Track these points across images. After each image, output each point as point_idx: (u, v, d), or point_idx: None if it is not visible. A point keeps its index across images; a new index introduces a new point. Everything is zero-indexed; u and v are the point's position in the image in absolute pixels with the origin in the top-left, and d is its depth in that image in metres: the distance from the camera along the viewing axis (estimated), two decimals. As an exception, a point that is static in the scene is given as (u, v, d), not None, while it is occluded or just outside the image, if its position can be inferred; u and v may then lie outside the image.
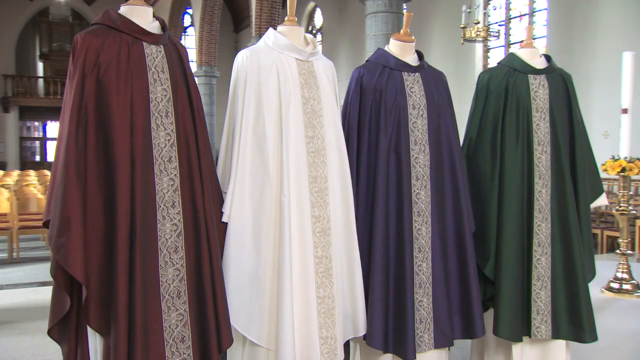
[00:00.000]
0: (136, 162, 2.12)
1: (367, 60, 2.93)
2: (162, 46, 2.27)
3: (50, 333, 2.19)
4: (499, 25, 13.18)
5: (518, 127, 2.97)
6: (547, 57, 3.09)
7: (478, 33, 8.84)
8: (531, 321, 2.91)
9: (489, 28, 8.99)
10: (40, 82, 25.50)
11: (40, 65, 26.01)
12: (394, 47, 2.89)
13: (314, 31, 22.15)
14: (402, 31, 2.87)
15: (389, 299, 2.69)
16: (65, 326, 2.20)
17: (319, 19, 21.77)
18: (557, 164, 2.95)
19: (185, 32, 25.08)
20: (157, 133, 2.19)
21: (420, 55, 2.91)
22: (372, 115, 2.78)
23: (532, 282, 2.92)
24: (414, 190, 2.76)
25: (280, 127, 2.47)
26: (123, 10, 2.25)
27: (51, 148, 25.62)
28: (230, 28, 26.11)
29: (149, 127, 2.17)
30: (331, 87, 2.67)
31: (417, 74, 2.84)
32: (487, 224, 2.96)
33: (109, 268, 2.07)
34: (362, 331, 2.68)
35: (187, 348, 2.21)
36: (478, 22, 8.89)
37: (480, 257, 2.97)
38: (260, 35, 13.62)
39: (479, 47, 13.70)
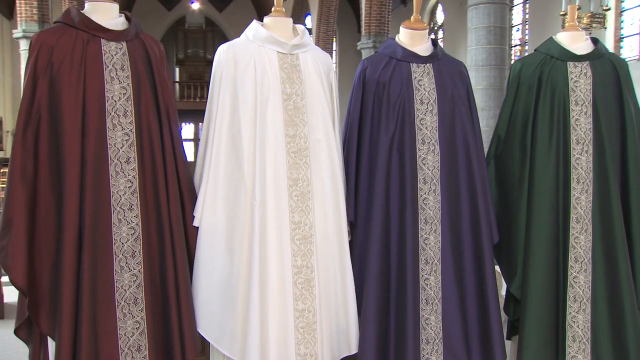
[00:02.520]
0: (87, 163, 2.05)
1: (375, 52, 2.67)
2: (124, 43, 2.18)
3: (16, 333, 2.19)
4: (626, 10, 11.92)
5: (552, 123, 2.55)
6: (595, 41, 2.64)
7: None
8: (566, 349, 2.50)
9: (592, 14, 8.07)
10: (176, 86, 27.08)
11: (176, 70, 27.67)
12: (403, 37, 2.60)
13: (435, 28, 21.52)
14: (412, 18, 2.58)
15: (389, 315, 2.43)
16: (31, 327, 2.18)
17: (440, 16, 21.11)
18: (601, 166, 2.50)
19: (310, 34, 25.44)
20: (114, 133, 2.11)
21: (434, 44, 2.60)
22: (374, 112, 2.52)
23: (568, 304, 2.50)
24: (421, 195, 2.46)
25: (256, 125, 2.30)
26: (86, 7, 2.19)
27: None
28: (354, 28, 26.07)
29: (104, 126, 2.09)
30: (322, 82, 2.44)
31: (428, 65, 2.53)
32: (514, 235, 2.59)
33: (59, 272, 2.03)
34: (355, 349, 2.43)
35: (143, 358, 2.12)
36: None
37: (506, 271, 2.62)
38: (369, 35, 13.48)
39: (609, 36, 12.47)
